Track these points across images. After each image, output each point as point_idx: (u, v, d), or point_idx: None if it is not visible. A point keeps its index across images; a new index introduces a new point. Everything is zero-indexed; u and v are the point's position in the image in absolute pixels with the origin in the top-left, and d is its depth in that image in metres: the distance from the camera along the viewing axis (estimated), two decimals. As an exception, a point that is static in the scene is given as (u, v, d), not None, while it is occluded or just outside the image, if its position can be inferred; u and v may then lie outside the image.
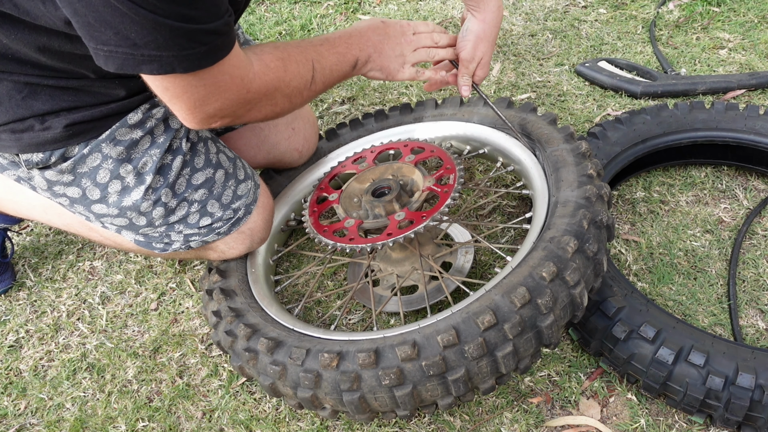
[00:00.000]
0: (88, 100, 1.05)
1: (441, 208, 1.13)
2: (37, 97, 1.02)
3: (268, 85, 1.05)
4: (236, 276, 1.25)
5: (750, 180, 1.53)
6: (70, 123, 1.05)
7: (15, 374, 1.35)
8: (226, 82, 0.97)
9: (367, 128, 1.53)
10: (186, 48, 0.86)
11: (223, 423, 1.20)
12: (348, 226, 1.19)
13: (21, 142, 1.05)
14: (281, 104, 1.11)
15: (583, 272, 1.01)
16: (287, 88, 1.09)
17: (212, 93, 0.96)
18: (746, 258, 1.37)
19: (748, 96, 1.75)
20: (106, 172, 1.11)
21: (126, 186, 1.13)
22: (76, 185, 1.12)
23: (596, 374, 1.19)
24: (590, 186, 1.10)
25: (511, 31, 2.11)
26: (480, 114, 1.42)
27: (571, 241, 1.00)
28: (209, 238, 1.24)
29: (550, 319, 0.96)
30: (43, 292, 1.50)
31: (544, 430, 1.13)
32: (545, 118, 1.31)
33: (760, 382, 1.01)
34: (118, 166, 1.11)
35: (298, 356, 0.99)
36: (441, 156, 1.28)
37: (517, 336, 0.95)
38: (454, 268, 1.35)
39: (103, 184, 1.12)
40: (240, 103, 1.02)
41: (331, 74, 1.17)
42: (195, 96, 0.95)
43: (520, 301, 0.94)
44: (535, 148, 1.27)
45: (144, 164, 1.13)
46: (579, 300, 1.00)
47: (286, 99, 1.10)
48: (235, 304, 1.17)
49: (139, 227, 1.19)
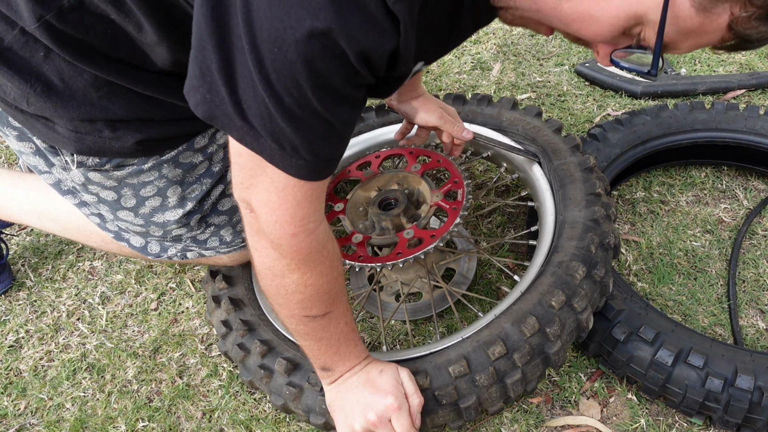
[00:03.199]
0: (162, 113, 0.99)
1: (450, 228, 1.12)
2: (115, 100, 0.94)
3: (309, 261, 0.86)
4: (242, 284, 1.24)
5: (750, 180, 1.53)
6: (142, 140, 0.99)
7: (15, 374, 1.35)
8: (299, 205, 0.81)
9: (368, 123, 1.50)
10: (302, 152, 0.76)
11: (223, 423, 1.20)
12: (356, 241, 1.18)
13: (82, 143, 0.97)
14: (279, 280, 0.88)
15: (590, 297, 1.03)
16: (313, 283, 0.88)
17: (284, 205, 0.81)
18: (746, 258, 1.37)
19: (748, 96, 1.75)
20: (154, 188, 1.07)
21: (165, 205, 1.10)
22: (115, 191, 1.07)
23: (596, 375, 1.19)
24: (598, 207, 1.11)
25: (511, 31, 2.11)
26: (484, 115, 1.40)
27: (580, 268, 1.02)
28: (207, 254, 1.23)
29: (558, 346, 0.99)
30: (43, 292, 1.50)
31: (544, 430, 1.14)
32: (551, 126, 1.31)
33: (759, 384, 1.01)
34: (168, 186, 1.08)
35: (316, 382, 1.01)
36: (448, 167, 1.26)
37: (525, 364, 0.98)
38: (458, 274, 1.35)
39: (143, 198, 1.08)
40: (285, 234, 0.83)
41: (318, 339, 0.94)
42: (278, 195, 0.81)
43: (530, 331, 0.97)
44: (540, 156, 1.27)
45: (192, 191, 1.11)
46: (585, 324, 1.03)
47: (285, 287, 0.88)
48: (245, 316, 1.16)
49: (150, 236, 1.18)
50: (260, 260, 0.87)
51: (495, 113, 1.39)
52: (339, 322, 0.94)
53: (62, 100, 0.93)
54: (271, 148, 0.75)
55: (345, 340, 0.96)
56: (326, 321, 0.92)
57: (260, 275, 0.90)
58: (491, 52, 2.04)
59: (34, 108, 0.94)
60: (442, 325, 1.30)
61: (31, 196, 1.30)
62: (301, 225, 0.82)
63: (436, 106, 1.28)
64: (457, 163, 1.25)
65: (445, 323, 1.31)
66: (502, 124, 1.37)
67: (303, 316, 0.91)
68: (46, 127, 0.97)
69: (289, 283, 0.87)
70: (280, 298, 0.90)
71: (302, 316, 0.91)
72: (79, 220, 1.24)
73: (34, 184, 1.31)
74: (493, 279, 1.37)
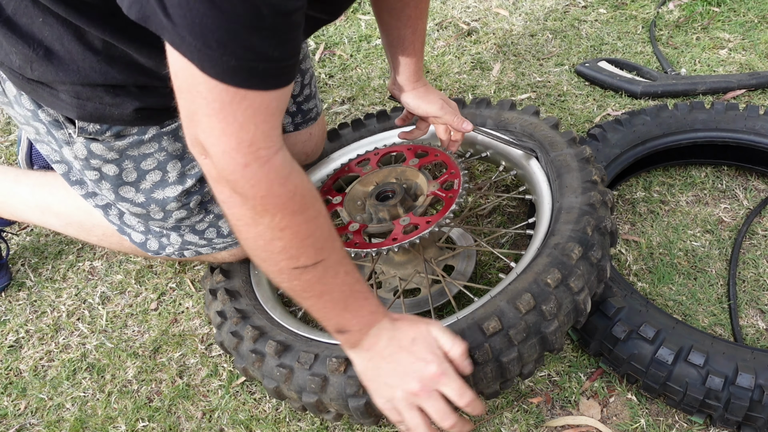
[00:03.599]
0: (160, 82, 0.98)
1: (446, 213, 1.13)
2: (113, 64, 0.95)
3: (272, 197, 0.78)
4: (240, 277, 1.24)
5: (750, 180, 1.53)
6: (141, 107, 1.00)
7: (15, 374, 1.35)
8: (253, 132, 0.75)
9: (369, 129, 1.53)
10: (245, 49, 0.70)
11: (223, 423, 1.20)
12: (352, 230, 1.19)
13: (84, 110, 1.00)
14: (253, 229, 0.81)
15: (587, 278, 1.02)
16: (278, 233, 0.80)
17: (235, 122, 0.74)
18: (746, 258, 1.37)
19: (748, 96, 1.75)
20: (154, 161, 1.08)
21: (165, 180, 1.11)
22: (117, 164, 1.08)
23: (596, 374, 1.19)
24: (594, 192, 1.10)
25: (511, 31, 2.11)
26: (483, 116, 1.41)
27: (576, 248, 1.01)
28: (204, 251, 1.23)
29: (554, 326, 0.97)
30: (43, 292, 1.50)
31: (544, 430, 1.13)
32: (548, 122, 1.31)
33: (760, 382, 1.01)
34: (168, 160, 1.09)
35: (306, 360, 1.00)
36: (445, 160, 1.27)
37: (521, 342, 0.96)
38: (456, 271, 1.35)
39: (144, 171, 1.09)
40: (237, 165, 0.76)
41: (319, 294, 0.87)
42: (218, 111, 0.75)
43: (525, 308, 0.95)
44: (537, 151, 1.27)
45: (192, 167, 1.11)
46: (582, 306, 1.01)
47: (260, 236, 0.81)
48: (240, 305, 1.17)
49: (150, 221, 1.18)
50: (229, 212, 0.81)
51: (494, 114, 1.40)
52: (337, 272, 0.86)
53: (63, 64, 0.96)
54: (196, 47, 0.68)
55: (351, 293, 0.88)
56: (321, 271, 0.84)
57: (236, 230, 0.83)
58: (491, 52, 2.04)
59: (38, 74, 0.97)
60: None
61: (35, 191, 1.32)
62: (250, 152, 0.75)
63: (437, 97, 1.30)
64: (454, 156, 1.27)
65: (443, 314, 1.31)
66: (500, 123, 1.38)
67: (292, 269, 0.83)
68: (50, 95, 1.00)
69: (264, 231, 0.80)
70: (261, 251, 0.83)
71: (291, 268, 0.83)
72: (82, 214, 1.25)
73: (38, 180, 1.32)
74: (492, 279, 1.37)
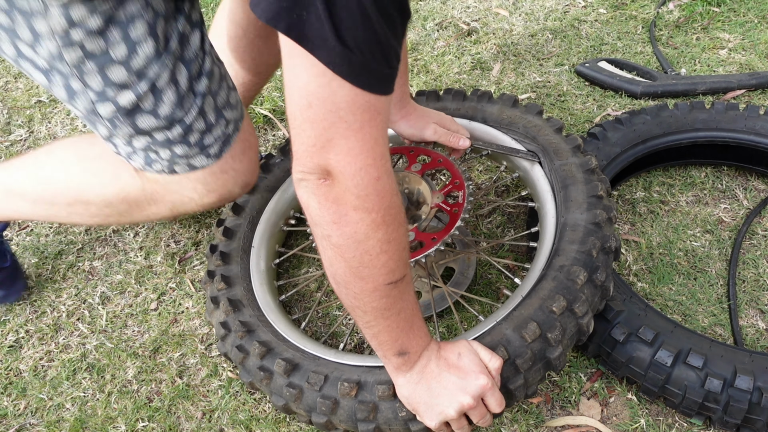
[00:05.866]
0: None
1: (451, 231, 1.12)
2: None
3: (393, 208, 0.79)
4: (241, 284, 1.23)
5: (750, 180, 1.53)
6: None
7: (15, 374, 1.35)
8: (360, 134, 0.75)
9: None
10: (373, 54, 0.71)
11: (223, 423, 1.20)
12: None
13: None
14: (362, 245, 0.80)
15: (591, 301, 1.03)
16: (373, 236, 0.80)
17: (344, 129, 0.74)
18: (746, 258, 1.37)
19: (748, 96, 1.75)
20: (143, 24, 0.95)
21: (158, 51, 0.98)
22: (102, 37, 0.94)
23: (596, 375, 1.19)
24: (599, 210, 1.11)
25: (511, 31, 2.11)
26: (485, 112, 1.39)
27: (581, 273, 1.02)
28: (197, 162, 1.11)
29: (559, 351, 0.99)
30: (43, 292, 1.50)
31: (544, 430, 1.14)
32: (552, 125, 1.30)
33: (758, 384, 1.01)
34: (156, 20, 0.96)
35: (315, 381, 1.01)
36: (448, 167, 1.25)
37: (528, 369, 0.98)
38: (457, 274, 1.35)
39: (134, 43, 0.96)
40: (371, 180, 0.76)
41: (398, 312, 0.87)
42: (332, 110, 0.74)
43: (531, 337, 0.97)
44: (541, 156, 1.27)
45: (173, 30, 1.00)
46: (586, 328, 1.03)
47: (368, 251, 0.80)
48: (244, 317, 1.16)
49: (137, 126, 1.05)
50: (340, 231, 0.79)
51: (497, 110, 1.38)
52: (410, 285, 0.88)
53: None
54: (357, 61, 0.69)
55: (417, 310, 0.90)
56: (404, 284, 0.86)
57: (341, 250, 0.81)
58: (491, 52, 2.03)
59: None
60: (442, 325, 1.30)
61: (21, 175, 1.27)
62: (382, 164, 0.76)
63: (430, 121, 1.26)
64: (458, 163, 1.25)
65: (444, 323, 1.31)
66: (502, 122, 1.36)
67: (386, 284, 0.83)
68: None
69: (374, 245, 0.79)
70: (364, 269, 0.81)
71: (386, 284, 0.83)
72: (69, 191, 1.21)
73: (25, 162, 1.28)
74: (492, 279, 1.37)
